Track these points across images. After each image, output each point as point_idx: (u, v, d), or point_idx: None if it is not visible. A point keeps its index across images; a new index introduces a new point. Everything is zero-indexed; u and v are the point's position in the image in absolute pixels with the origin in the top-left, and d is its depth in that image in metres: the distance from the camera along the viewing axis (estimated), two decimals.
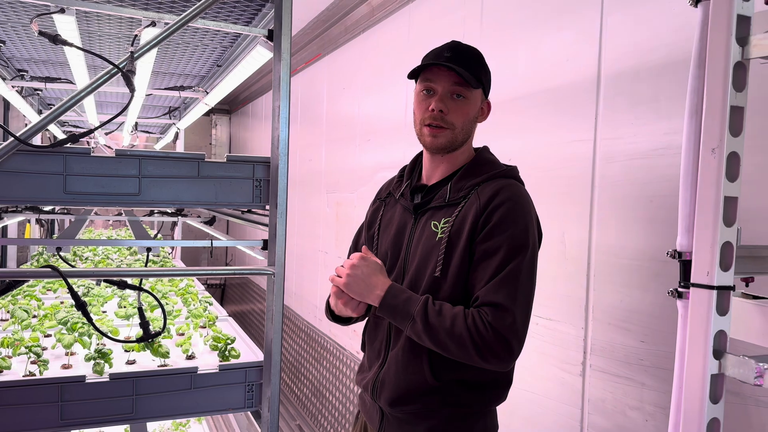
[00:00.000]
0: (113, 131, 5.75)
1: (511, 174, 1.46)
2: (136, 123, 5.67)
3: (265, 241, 1.65)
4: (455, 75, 1.40)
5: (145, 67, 2.63)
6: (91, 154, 1.53)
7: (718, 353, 0.83)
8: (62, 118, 5.49)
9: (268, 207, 1.73)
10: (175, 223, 4.34)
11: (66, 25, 1.94)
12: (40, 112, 4.40)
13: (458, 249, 1.38)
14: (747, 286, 0.98)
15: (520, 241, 1.33)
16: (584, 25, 1.92)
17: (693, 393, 0.83)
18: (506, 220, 1.34)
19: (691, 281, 0.84)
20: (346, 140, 3.97)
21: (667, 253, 0.90)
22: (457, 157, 1.50)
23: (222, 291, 8.56)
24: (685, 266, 0.87)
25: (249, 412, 2.30)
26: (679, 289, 0.88)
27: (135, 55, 1.53)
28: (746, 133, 0.85)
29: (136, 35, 1.81)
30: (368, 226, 1.68)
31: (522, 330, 1.30)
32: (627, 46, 1.77)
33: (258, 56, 2.32)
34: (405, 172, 1.63)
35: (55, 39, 1.66)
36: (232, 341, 2.10)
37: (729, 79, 0.81)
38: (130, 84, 1.53)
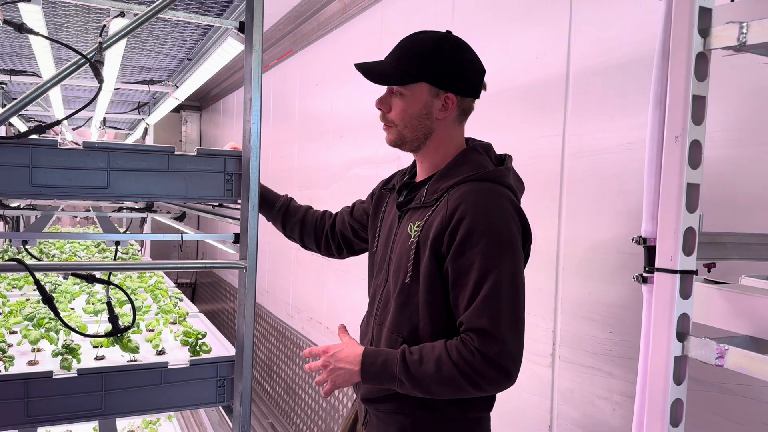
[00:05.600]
0: (80, 127, 5.64)
1: (488, 177, 1.34)
2: (104, 118, 5.58)
3: (237, 235, 1.64)
4: None
5: (113, 59, 2.59)
6: (59, 146, 1.50)
7: (682, 336, 0.85)
8: (28, 113, 5.38)
9: (239, 201, 1.72)
10: (144, 220, 4.28)
11: (32, 15, 1.90)
12: (4, 106, 4.30)
13: (425, 255, 1.33)
14: (709, 272, 1.01)
15: (493, 254, 1.25)
16: (553, 22, 1.95)
17: (657, 375, 0.86)
18: (474, 233, 1.25)
19: (656, 266, 0.86)
20: (319, 137, 3.96)
21: (633, 240, 0.93)
22: (432, 156, 1.43)
23: (193, 290, 8.47)
24: (650, 252, 0.90)
25: (220, 408, 2.28)
26: (644, 274, 0.91)
27: (103, 46, 1.51)
28: (714, 128, 0.88)
29: (104, 26, 1.78)
30: (374, 215, 1.61)
31: (515, 349, 1.24)
32: (595, 42, 1.81)
33: (229, 49, 2.30)
34: (411, 165, 1.56)
35: (21, 27, 1.62)
36: (203, 336, 2.08)
37: (691, 69, 0.83)
38: (98, 75, 1.51)
